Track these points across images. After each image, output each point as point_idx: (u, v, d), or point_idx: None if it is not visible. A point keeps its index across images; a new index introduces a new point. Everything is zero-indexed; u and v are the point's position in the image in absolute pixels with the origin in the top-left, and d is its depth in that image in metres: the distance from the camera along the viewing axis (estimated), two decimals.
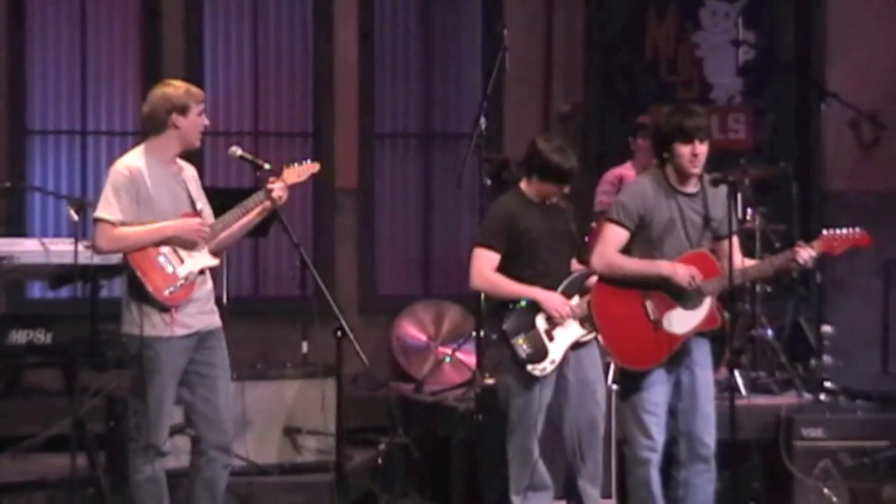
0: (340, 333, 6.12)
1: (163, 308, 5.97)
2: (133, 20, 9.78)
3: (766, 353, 8.44)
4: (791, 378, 8.29)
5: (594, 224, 7.97)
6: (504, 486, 6.58)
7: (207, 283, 6.15)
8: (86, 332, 7.14)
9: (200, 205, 6.16)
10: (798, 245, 6.30)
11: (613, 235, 6.28)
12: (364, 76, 10.04)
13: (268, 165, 6.22)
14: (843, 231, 6.32)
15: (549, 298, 6.42)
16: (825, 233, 6.34)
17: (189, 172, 6.22)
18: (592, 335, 6.47)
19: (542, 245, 6.48)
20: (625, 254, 6.29)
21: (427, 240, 10.30)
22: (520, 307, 6.43)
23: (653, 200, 6.26)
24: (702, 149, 6.22)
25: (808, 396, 8.07)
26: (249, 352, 8.91)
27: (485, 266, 6.47)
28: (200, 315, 6.08)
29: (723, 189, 6.29)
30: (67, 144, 9.73)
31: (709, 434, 6.31)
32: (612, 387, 6.96)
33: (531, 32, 10.09)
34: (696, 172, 6.25)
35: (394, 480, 7.73)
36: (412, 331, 9.60)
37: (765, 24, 10.02)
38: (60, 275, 7.33)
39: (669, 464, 6.40)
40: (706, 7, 10.13)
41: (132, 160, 6.06)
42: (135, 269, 5.96)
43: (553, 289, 6.45)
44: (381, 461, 7.71)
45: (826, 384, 8.12)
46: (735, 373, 7.42)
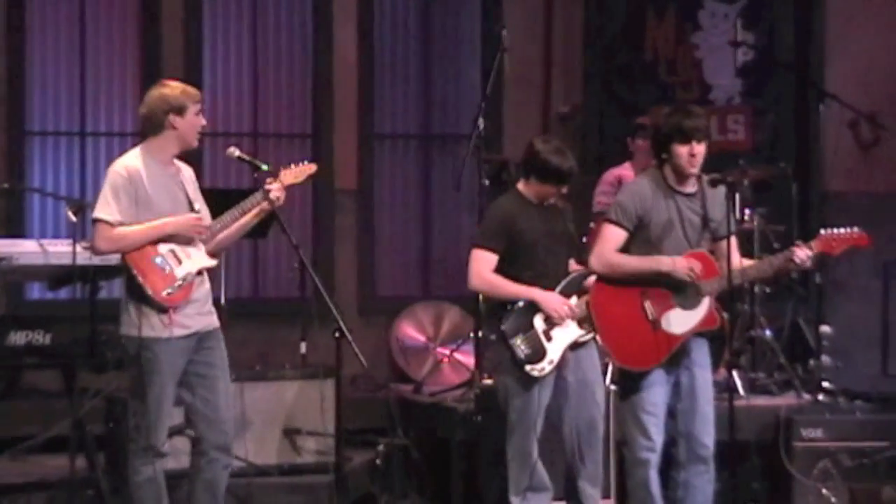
0: (339, 334, 6.11)
1: (161, 309, 5.96)
2: (132, 21, 9.77)
3: (766, 354, 8.43)
4: (790, 379, 8.28)
5: (593, 224, 7.97)
6: (503, 487, 6.57)
7: (205, 284, 6.15)
8: (85, 333, 7.14)
9: (198, 206, 6.16)
10: (796, 245, 6.30)
11: (612, 236, 6.28)
12: (363, 77, 10.04)
13: (266, 166, 6.22)
14: (842, 231, 6.31)
15: (548, 299, 6.41)
16: (823, 232, 6.32)
17: (187, 173, 6.22)
18: (591, 336, 6.46)
19: (541, 246, 6.48)
20: (624, 254, 6.29)
21: (426, 241, 10.29)
22: (518, 308, 6.42)
23: (651, 201, 6.25)
24: (700, 149, 6.21)
25: (808, 397, 8.07)
26: (249, 353, 8.92)
27: (483, 267, 6.46)
28: (199, 316, 6.08)
29: (721, 189, 6.29)
30: (66, 145, 9.72)
31: (708, 435, 6.30)
32: (611, 387, 6.96)
33: (530, 33, 10.09)
34: (695, 173, 6.25)
35: (393, 481, 7.72)
36: (411, 332, 9.60)
37: (764, 25, 10.01)
38: (59, 276, 7.32)
39: (668, 464, 6.40)
40: (705, 8, 10.13)
41: (130, 161, 6.06)
42: (133, 270, 5.96)
43: (551, 289, 6.44)
44: (381, 462, 7.70)
45: (825, 385, 8.11)
46: (734, 373, 7.41)
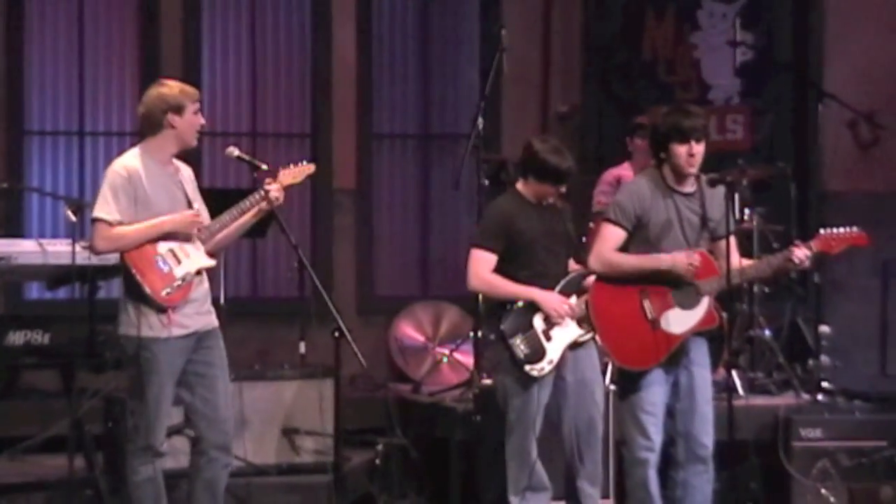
0: (338, 334, 6.11)
1: (160, 309, 5.96)
2: (131, 21, 9.77)
3: (765, 354, 8.44)
4: (789, 378, 8.28)
5: (592, 224, 7.97)
6: (502, 487, 6.57)
7: (204, 284, 6.15)
8: (84, 333, 7.13)
9: (197, 205, 6.16)
10: (794, 245, 6.30)
11: (610, 235, 6.28)
12: (362, 77, 10.04)
13: (265, 166, 6.22)
14: (841, 230, 6.31)
15: (547, 298, 6.41)
16: (822, 232, 6.32)
17: (185, 173, 6.21)
18: (590, 335, 6.45)
19: (540, 245, 6.47)
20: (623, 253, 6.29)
21: (425, 240, 10.29)
22: (517, 308, 6.42)
23: (650, 201, 6.25)
24: (698, 149, 6.21)
25: (807, 397, 8.07)
26: (247, 352, 8.93)
27: (482, 267, 6.46)
28: (198, 315, 6.07)
29: (720, 189, 6.28)
30: (65, 145, 9.72)
31: (707, 434, 6.30)
32: (611, 387, 6.96)
33: (529, 33, 10.09)
34: (693, 172, 6.24)
35: (392, 481, 7.72)
36: (410, 331, 9.60)
37: (763, 25, 10.01)
38: (58, 275, 7.31)
39: (667, 464, 6.39)
40: (704, 8, 10.13)
41: (129, 161, 6.05)
42: (132, 270, 5.95)
43: (550, 289, 6.44)
44: (380, 462, 7.70)
45: (824, 384, 8.11)
46: (733, 373, 7.42)
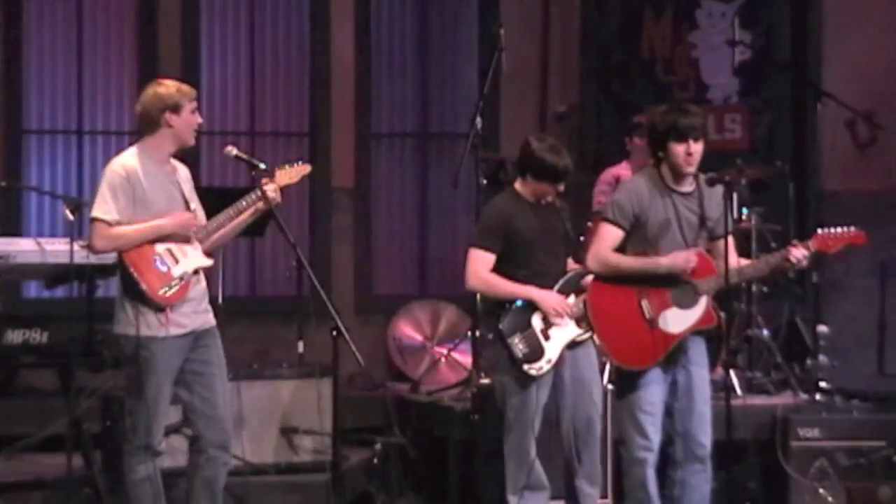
0: (336, 333, 6.11)
1: (158, 308, 5.96)
2: (129, 20, 9.77)
3: (763, 353, 8.44)
4: (787, 378, 8.28)
5: (590, 223, 7.97)
6: (500, 486, 6.57)
7: (201, 283, 6.15)
8: (82, 332, 7.12)
9: (194, 205, 6.16)
10: (792, 244, 6.30)
11: (608, 235, 6.28)
12: (360, 76, 10.04)
13: (263, 165, 6.22)
14: (839, 230, 6.31)
15: (546, 297, 6.41)
16: (820, 231, 6.33)
17: (183, 173, 6.21)
18: (588, 334, 6.45)
19: (538, 245, 6.47)
20: (621, 253, 6.29)
21: (423, 239, 10.29)
22: (516, 307, 6.42)
23: (648, 200, 6.25)
24: (696, 148, 6.21)
25: (805, 396, 8.07)
26: (246, 352, 8.93)
27: (480, 266, 6.46)
28: (195, 314, 6.07)
29: (719, 189, 6.28)
30: (63, 144, 9.72)
31: (705, 434, 6.30)
32: (609, 386, 6.96)
33: (527, 32, 10.09)
34: (691, 171, 6.25)
35: (390, 480, 7.72)
36: (408, 330, 9.60)
37: (761, 24, 10.00)
38: (56, 274, 7.31)
39: (666, 463, 6.39)
40: (702, 7, 10.12)
41: (128, 160, 6.05)
42: (130, 269, 5.95)
43: (549, 288, 6.43)
44: (378, 461, 7.71)
45: (822, 384, 8.11)
46: (731, 373, 7.41)
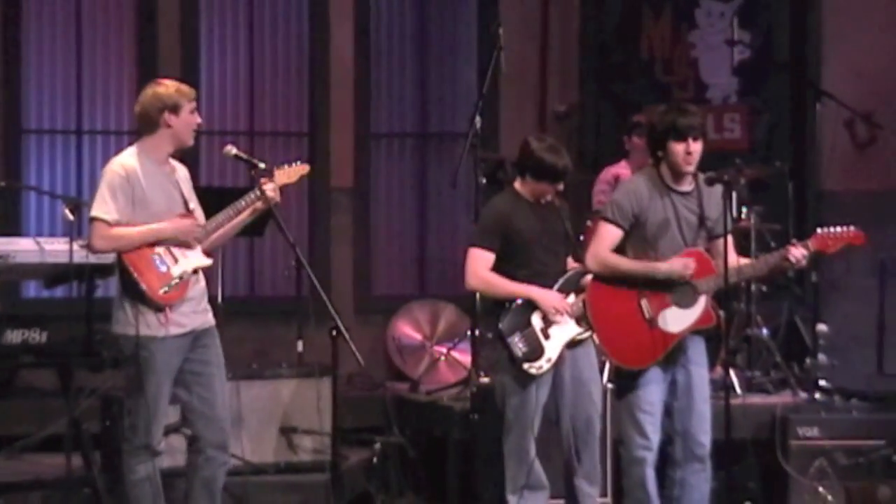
0: (336, 333, 6.11)
1: (158, 308, 5.96)
2: (128, 19, 9.76)
3: (762, 353, 8.44)
4: (786, 377, 8.30)
5: (589, 223, 7.97)
6: (500, 486, 6.57)
7: (201, 283, 6.15)
8: (81, 332, 7.11)
9: (193, 205, 6.16)
10: (791, 244, 6.30)
11: (607, 234, 6.28)
12: (359, 75, 10.03)
13: (263, 165, 6.22)
14: (838, 229, 6.32)
15: (546, 296, 6.41)
16: (819, 231, 6.33)
17: (181, 173, 6.21)
18: (588, 333, 6.45)
19: (537, 244, 6.48)
20: (620, 253, 6.29)
21: (423, 239, 10.28)
22: (516, 306, 6.42)
23: (647, 200, 6.25)
24: (696, 147, 6.21)
25: (804, 396, 8.08)
26: (245, 351, 8.93)
27: (480, 266, 6.47)
28: (194, 314, 6.07)
29: (718, 188, 6.29)
30: (63, 144, 9.71)
31: (704, 433, 6.30)
32: (608, 385, 6.96)
33: (527, 32, 10.08)
34: (690, 171, 6.25)
35: (389, 480, 7.72)
36: (408, 330, 9.60)
37: (760, 24, 10.00)
38: (55, 274, 7.30)
39: (665, 463, 6.40)
40: (701, 7, 10.11)
41: (127, 160, 6.05)
42: (130, 269, 5.95)
43: (549, 287, 6.43)
44: (377, 461, 7.70)
45: (821, 383, 8.12)
46: (730, 372, 7.41)
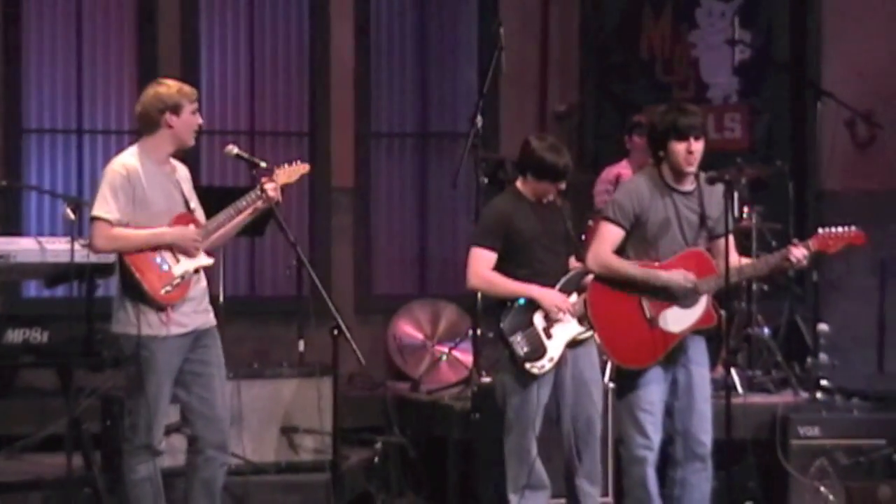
0: (337, 332, 6.11)
1: (159, 307, 5.96)
2: (129, 19, 9.76)
3: (763, 352, 8.44)
4: (787, 377, 8.30)
5: (591, 222, 7.97)
6: (500, 486, 6.57)
7: (202, 282, 6.15)
8: (82, 332, 7.11)
9: (193, 204, 6.16)
10: (792, 244, 6.30)
11: (608, 234, 6.27)
12: (360, 75, 10.04)
13: (263, 164, 6.22)
14: (838, 229, 6.31)
15: (547, 295, 6.41)
16: (820, 231, 6.33)
17: (182, 173, 6.21)
18: (590, 333, 6.45)
19: (539, 244, 6.47)
20: (620, 252, 6.29)
21: (423, 239, 10.29)
22: (517, 306, 6.42)
23: (648, 200, 6.24)
24: (697, 146, 6.21)
25: (805, 395, 8.08)
26: (246, 351, 8.93)
27: (481, 266, 6.46)
28: (195, 314, 6.07)
29: (719, 187, 6.29)
30: (63, 143, 9.71)
31: (705, 433, 6.30)
32: (609, 385, 6.96)
33: (527, 32, 10.09)
34: (692, 171, 6.24)
35: (390, 480, 7.72)
36: (409, 330, 9.60)
37: (761, 24, 10.00)
38: (56, 274, 7.30)
39: (666, 463, 6.40)
40: (702, 7, 10.11)
41: (128, 160, 6.05)
42: (131, 269, 5.95)
43: (550, 287, 6.44)
44: (378, 460, 7.71)
45: (822, 383, 8.12)
46: (731, 371, 7.41)
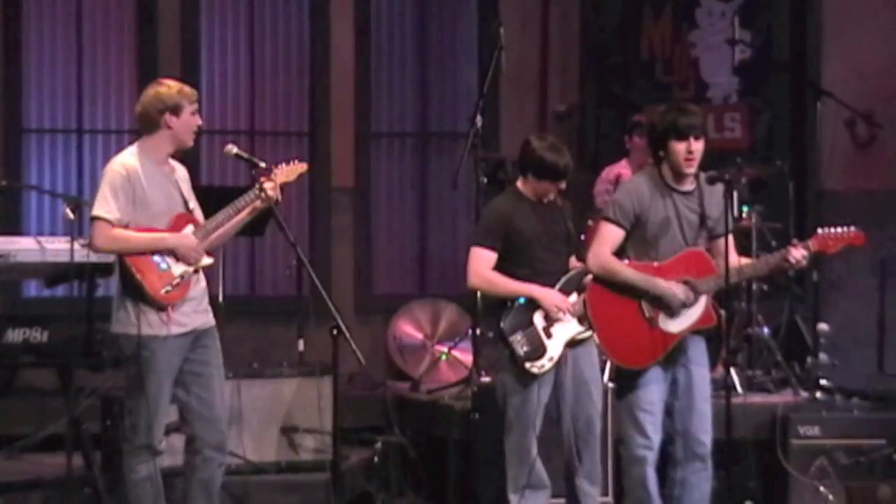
0: (337, 332, 6.11)
1: (160, 307, 5.96)
2: (129, 18, 9.76)
3: (763, 352, 8.44)
4: (787, 376, 8.30)
5: (590, 222, 7.97)
6: (500, 485, 6.57)
7: (201, 282, 6.15)
8: (82, 332, 7.12)
9: (192, 204, 6.16)
10: (791, 245, 6.30)
11: (609, 235, 6.27)
12: (360, 75, 10.04)
13: (263, 164, 6.22)
14: (838, 230, 6.31)
15: (547, 294, 6.40)
16: (820, 231, 6.33)
17: (180, 173, 6.21)
18: (590, 332, 6.44)
19: (539, 244, 6.47)
20: (620, 252, 6.29)
21: (423, 239, 10.29)
22: (518, 305, 6.41)
23: (648, 199, 6.24)
24: (697, 146, 6.20)
25: (805, 395, 8.08)
26: (246, 351, 8.93)
27: (482, 265, 6.46)
28: (195, 314, 6.07)
29: (719, 187, 6.28)
30: (63, 143, 9.71)
31: (705, 432, 6.30)
32: (609, 385, 6.96)
33: (527, 31, 10.09)
34: (692, 171, 6.24)
35: (390, 479, 7.72)
36: (408, 329, 9.60)
37: (761, 23, 10.00)
38: (56, 273, 7.31)
39: (666, 462, 6.39)
40: (702, 6, 10.11)
41: (128, 160, 6.04)
42: (131, 269, 5.95)
43: (551, 287, 6.44)
44: (378, 460, 7.71)
45: (822, 382, 8.12)
46: (731, 371, 7.41)
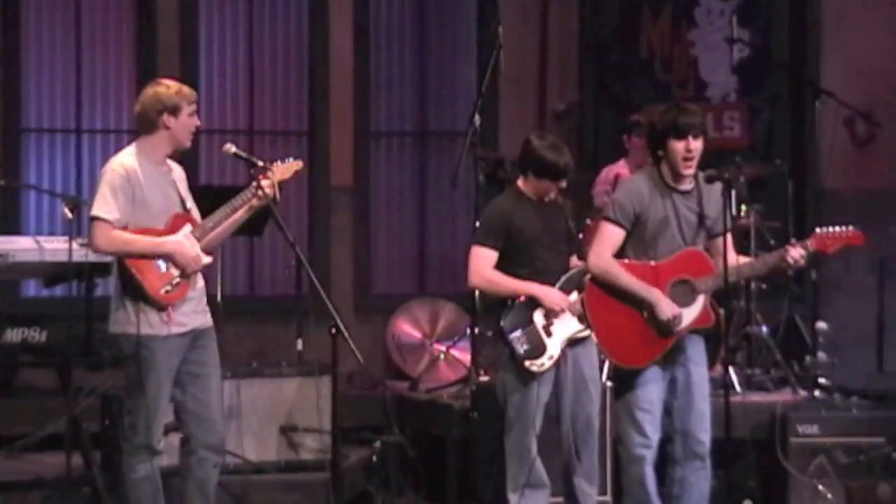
0: (335, 331, 6.11)
1: (160, 307, 5.96)
2: (128, 18, 9.76)
3: (761, 351, 8.44)
4: (786, 375, 8.30)
5: (589, 221, 7.97)
6: (499, 485, 6.57)
7: (200, 282, 6.15)
8: (81, 331, 7.13)
9: (189, 204, 6.17)
10: (790, 244, 6.30)
11: (609, 235, 6.26)
12: (359, 74, 10.04)
13: (262, 163, 6.21)
14: (837, 229, 6.31)
15: (547, 293, 6.41)
16: (818, 231, 6.32)
17: (178, 173, 6.21)
18: (589, 331, 6.44)
19: (540, 243, 6.48)
20: (620, 252, 6.28)
21: (422, 238, 10.29)
22: (518, 304, 6.41)
23: (648, 199, 6.24)
24: (696, 145, 6.20)
25: (803, 394, 8.08)
26: (245, 350, 8.94)
27: (482, 264, 6.47)
28: (194, 314, 6.08)
29: (717, 186, 6.28)
30: (62, 143, 9.71)
31: (704, 431, 6.30)
32: (608, 384, 6.96)
33: (526, 30, 10.09)
34: (691, 172, 6.24)
35: (389, 479, 7.72)
36: (407, 329, 9.61)
37: (759, 22, 10.00)
38: (55, 273, 7.31)
39: (665, 461, 6.40)
40: (701, 5, 10.11)
41: (127, 160, 6.04)
42: (131, 269, 5.94)
43: (551, 286, 6.44)
44: (377, 460, 7.70)
45: (821, 381, 8.13)
46: (730, 370, 7.41)
